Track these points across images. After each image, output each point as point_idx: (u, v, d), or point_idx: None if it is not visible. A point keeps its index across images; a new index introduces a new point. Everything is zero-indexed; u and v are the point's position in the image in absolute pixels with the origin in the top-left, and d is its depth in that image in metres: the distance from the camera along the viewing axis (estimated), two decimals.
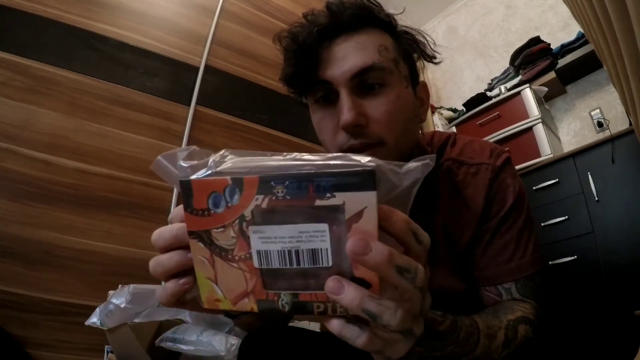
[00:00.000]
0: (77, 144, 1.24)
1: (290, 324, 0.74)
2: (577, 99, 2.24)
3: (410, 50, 0.56)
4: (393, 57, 0.51)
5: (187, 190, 0.26)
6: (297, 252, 0.25)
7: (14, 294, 1.02)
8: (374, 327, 0.25)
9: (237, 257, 0.27)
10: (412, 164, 0.25)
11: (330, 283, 0.24)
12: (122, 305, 0.81)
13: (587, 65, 2.05)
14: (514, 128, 2.06)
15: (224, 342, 0.82)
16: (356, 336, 0.25)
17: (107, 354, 0.94)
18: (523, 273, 0.52)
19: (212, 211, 0.26)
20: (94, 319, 0.82)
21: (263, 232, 0.25)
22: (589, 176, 1.63)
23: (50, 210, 1.13)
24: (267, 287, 0.27)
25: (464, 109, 2.52)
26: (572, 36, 2.12)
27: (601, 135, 1.96)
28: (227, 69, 1.68)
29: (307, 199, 0.24)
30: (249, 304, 0.27)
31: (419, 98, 0.58)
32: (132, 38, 1.46)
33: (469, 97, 2.52)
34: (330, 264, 0.25)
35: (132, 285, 0.84)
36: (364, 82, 0.49)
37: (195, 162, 0.27)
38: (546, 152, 1.91)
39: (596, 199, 1.59)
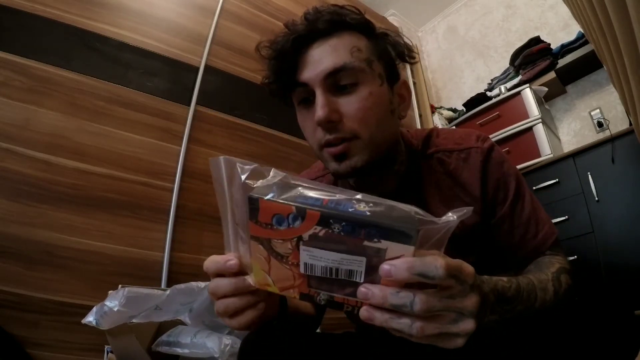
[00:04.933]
0: (77, 144, 1.24)
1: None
2: (577, 99, 2.24)
3: (387, 50, 0.59)
4: (366, 57, 0.54)
5: (254, 206, 0.31)
6: (337, 270, 0.31)
7: (14, 294, 1.02)
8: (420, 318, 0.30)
9: (290, 262, 0.33)
10: (450, 216, 0.30)
11: (362, 290, 0.30)
12: (115, 309, 0.80)
13: (587, 65, 2.04)
14: (514, 128, 2.06)
15: (218, 343, 0.81)
16: (409, 326, 0.30)
17: (107, 354, 0.93)
18: (551, 239, 0.58)
19: (275, 227, 0.31)
20: (90, 318, 0.82)
21: (312, 252, 0.31)
22: (589, 176, 1.63)
23: (50, 210, 1.13)
24: (310, 286, 0.33)
25: (464, 109, 2.52)
26: (572, 36, 2.12)
27: (601, 135, 1.95)
28: (227, 69, 1.68)
29: (357, 239, 0.29)
30: (293, 293, 0.34)
31: (399, 95, 0.61)
32: (132, 38, 1.46)
33: (469, 97, 2.51)
34: (362, 281, 0.31)
35: (127, 288, 0.83)
36: (337, 82, 0.53)
37: (259, 183, 0.33)
38: (546, 152, 1.91)
39: (596, 199, 1.59)
